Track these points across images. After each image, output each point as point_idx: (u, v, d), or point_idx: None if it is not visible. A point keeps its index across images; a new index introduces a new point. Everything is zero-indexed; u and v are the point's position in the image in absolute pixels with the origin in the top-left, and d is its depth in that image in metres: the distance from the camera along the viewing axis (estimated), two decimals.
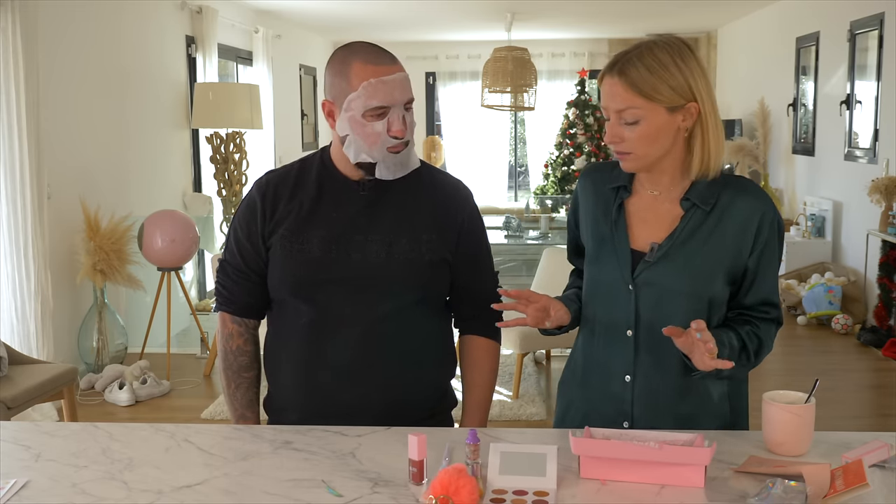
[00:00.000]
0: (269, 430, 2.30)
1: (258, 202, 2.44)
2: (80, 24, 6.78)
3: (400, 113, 2.30)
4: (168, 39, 8.47)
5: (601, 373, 2.31)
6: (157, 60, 8.20)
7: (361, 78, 2.26)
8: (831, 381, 6.48)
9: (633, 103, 2.13)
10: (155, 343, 7.27)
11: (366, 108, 2.26)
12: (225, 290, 2.51)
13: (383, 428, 2.28)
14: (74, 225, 6.49)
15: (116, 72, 7.40)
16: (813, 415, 2.08)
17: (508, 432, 2.28)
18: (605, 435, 2.02)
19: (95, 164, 7.01)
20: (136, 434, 2.27)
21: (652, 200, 2.28)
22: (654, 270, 2.21)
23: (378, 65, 2.28)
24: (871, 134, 8.14)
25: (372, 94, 2.25)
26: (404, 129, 2.31)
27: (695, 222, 2.22)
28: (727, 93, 13.31)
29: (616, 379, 2.28)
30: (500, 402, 5.96)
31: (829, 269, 8.75)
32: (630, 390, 2.26)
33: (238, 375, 2.53)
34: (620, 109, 2.15)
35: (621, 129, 2.18)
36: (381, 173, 2.34)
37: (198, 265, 8.96)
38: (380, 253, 2.35)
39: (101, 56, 7.14)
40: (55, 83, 6.38)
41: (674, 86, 2.14)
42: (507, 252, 9.70)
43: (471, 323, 2.56)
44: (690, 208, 2.23)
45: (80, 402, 5.98)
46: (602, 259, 2.28)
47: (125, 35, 7.57)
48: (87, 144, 6.90)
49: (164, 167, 8.35)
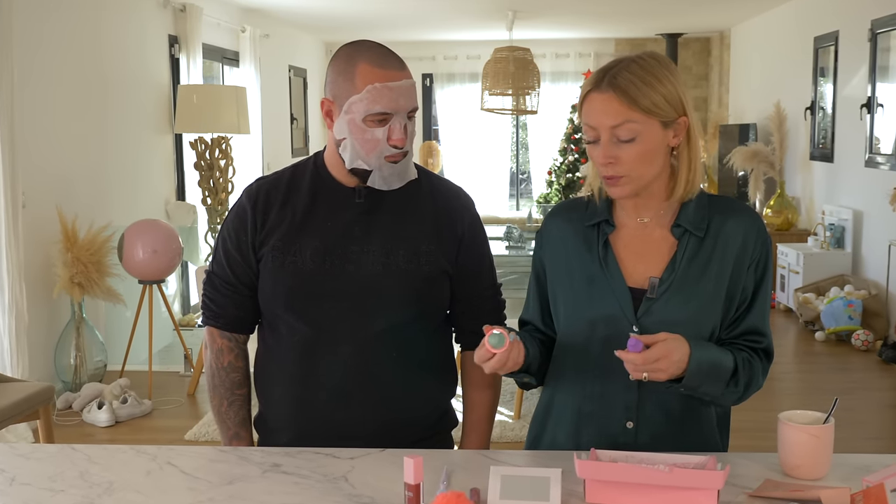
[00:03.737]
0: (257, 452, 2.30)
1: (248, 210, 2.44)
2: (56, 23, 6.79)
3: (402, 121, 2.31)
4: (149, 39, 8.49)
5: (595, 422, 2.27)
6: (137, 61, 8.20)
7: (367, 80, 2.27)
8: (851, 400, 6.48)
9: (630, 117, 2.10)
10: (136, 360, 7.26)
11: (367, 113, 2.27)
12: (213, 304, 2.51)
13: (377, 450, 2.28)
14: (51, 235, 6.49)
15: (95, 73, 7.41)
16: (832, 436, 2.08)
17: (510, 454, 2.28)
18: (613, 457, 2.02)
19: (73, 171, 7.01)
20: (116, 456, 2.27)
21: (641, 230, 2.26)
22: (658, 307, 2.18)
23: (385, 68, 2.28)
24: (893, 139, 8.16)
25: (376, 98, 2.26)
26: (405, 138, 2.31)
27: (691, 250, 2.21)
28: (741, 96, 13.33)
29: (615, 426, 2.24)
30: (502, 423, 5.95)
31: (848, 282, 8.75)
32: (633, 436, 2.23)
33: (230, 393, 2.53)
34: (615, 125, 2.11)
35: (615, 149, 2.13)
36: (376, 182, 2.34)
37: (181, 278, 8.96)
38: (376, 265, 2.36)
39: (79, 56, 7.15)
40: (30, 85, 6.38)
41: (667, 98, 2.13)
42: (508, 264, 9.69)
43: (473, 338, 2.53)
44: (683, 235, 2.22)
45: (56, 423, 5.97)
46: (596, 301, 2.23)
47: (104, 34, 7.58)
48: (64, 150, 6.90)
49: (146, 174, 8.35)
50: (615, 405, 2.23)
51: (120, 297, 6.80)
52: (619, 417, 2.23)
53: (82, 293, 6.49)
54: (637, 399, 2.21)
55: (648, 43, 14.91)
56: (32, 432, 5.70)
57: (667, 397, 2.20)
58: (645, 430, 2.22)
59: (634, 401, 2.21)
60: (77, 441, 5.74)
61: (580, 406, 2.28)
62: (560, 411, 2.34)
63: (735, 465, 2.12)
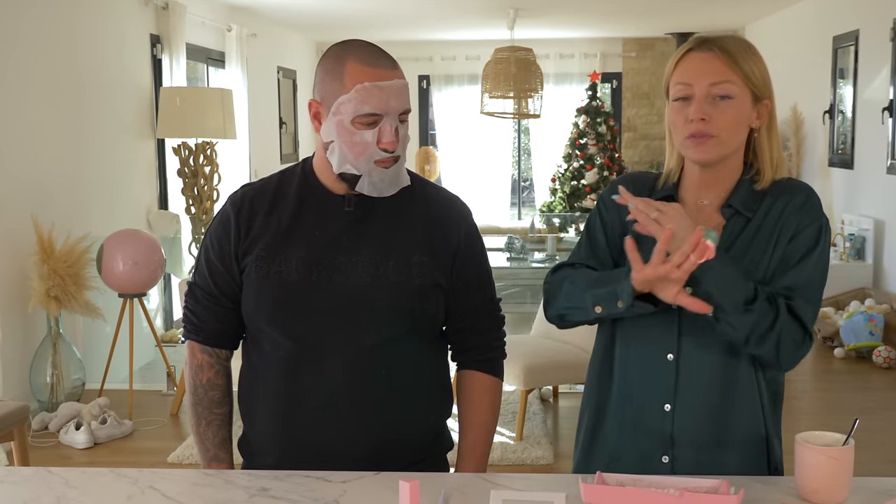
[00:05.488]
0: (243, 475, 2.30)
1: (232, 218, 2.44)
2: (30, 21, 6.81)
3: (393, 124, 2.31)
4: (130, 38, 8.50)
5: (633, 403, 2.33)
6: (117, 62, 8.21)
7: (355, 80, 2.27)
8: (872, 420, 6.48)
9: (730, 77, 2.21)
10: (116, 378, 7.26)
11: (356, 114, 2.27)
12: (194, 317, 2.51)
13: (371, 473, 2.28)
14: (25, 246, 6.49)
15: (72, 75, 7.42)
16: (852, 459, 2.08)
17: (511, 478, 2.28)
18: (620, 481, 2.02)
19: (49, 178, 7.01)
20: (95, 480, 2.27)
21: (697, 211, 2.32)
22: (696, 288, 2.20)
23: (375, 67, 2.29)
24: None
25: (364, 98, 2.26)
26: (396, 141, 2.31)
27: (735, 231, 2.26)
28: None
29: (653, 409, 2.30)
30: (502, 445, 5.95)
31: (869, 296, 8.76)
32: (671, 421, 2.28)
33: (209, 412, 2.52)
34: (715, 82, 2.20)
35: (709, 107, 2.21)
36: (365, 188, 2.34)
37: (164, 291, 8.95)
38: (364, 276, 2.35)
39: (55, 57, 7.15)
40: (3, 87, 6.40)
41: (762, 74, 2.25)
42: (509, 276, 9.72)
43: (469, 356, 2.55)
44: (732, 216, 2.28)
45: (32, 445, 5.96)
46: None
47: (82, 33, 7.60)
48: (40, 156, 6.91)
49: (126, 181, 8.36)
50: (651, 388, 2.30)
51: (99, 311, 6.79)
52: (655, 403, 2.30)
53: (59, 307, 6.49)
54: (675, 381, 2.27)
55: (658, 43, 14.94)
56: (6, 454, 5.69)
57: (702, 382, 2.25)
58: (683, 411, 2.28)
59: (673, 383, 2.27)
60: (53, 464, 5.73)
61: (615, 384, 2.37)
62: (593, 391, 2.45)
63: (749, 489, 2.12)
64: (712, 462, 2.26)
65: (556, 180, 14.29)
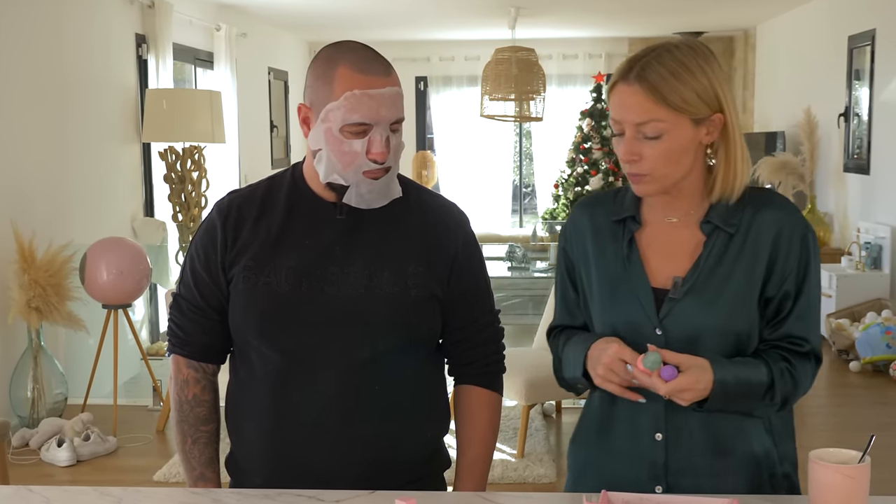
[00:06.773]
0: (232, 494, 2.30)
1: (218, 226, 2.43)
2: (11, 20, 6.81)
3: (384, 133, 2.29)
4: (114, 38, 8.50)
5: (624, 429, 2.32)
6: (101, 62, 8.22)
7: (345, 87, 2.26)
8: (889, 437, 6.46)
9: (656, 115, 2.15)
10: (99, 393, 7.25)
11: (344, 123, 2.26)
12: (179, 330, 2.51)
13: (366, 492, 2.27)
14: (5, 255, 6.49)
15: (54, 76, 7.42)
16: (868, 477, 2.08)
17: (512, 497, 2.28)
18: (626, 500, 2.02)
19: (30, 184, 7.02)
20: (78, 499, 2.27)
21: (669, 229, 2.31)
22: (681, 308, 2.22)
23: (367, 74, 2.27)
24: None
25: (354, 107, 2.25)
26: (386, 152, 2.30)
27: (720, 247, 2.24)
28: (767, 101, 13.36)
29: (644, 437, 2.28)
30: (503, 462, 5.95)
31: (886, 307, 8.75)
32: (663, 450, 2.26)
33: (195, 429, 2.52)
34: (640, 122, 2.16)
35: (640, 146, 2.18)
36: (352, 200, 2.34)
37: (149, 302, 8.95)
38: (357, 287, 2.35)
39: (37, 57, 7.16)
40: None
41: (700, 93, 2.16)
42: (510, 287, 9.72)
43: (467, 370, 2.55)
44: (713, 232, 2.26)
45: (12, 462, 5.95)
46: (619, 302, 2.28)
47: (64, 33, 7.60)
48: (20, 160, 6.91)
49: (111, 187, 8.36)
50: (642, 415, 2.28)
51: (82, 323, 6.79)
52: (646, 430, 2.28)
53: (40, 319, 6.48)
54: (664, 408, 2.25)
55: None
56: None
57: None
58: (675, 439, 2.26)
59: (662, 410, 2.26)
60: (34, 482, 5.72)
61: (605, 410, 2.37)
62: (590, 416, 2.44)
63: None
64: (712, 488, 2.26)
65: (559, 186, 14.28)
